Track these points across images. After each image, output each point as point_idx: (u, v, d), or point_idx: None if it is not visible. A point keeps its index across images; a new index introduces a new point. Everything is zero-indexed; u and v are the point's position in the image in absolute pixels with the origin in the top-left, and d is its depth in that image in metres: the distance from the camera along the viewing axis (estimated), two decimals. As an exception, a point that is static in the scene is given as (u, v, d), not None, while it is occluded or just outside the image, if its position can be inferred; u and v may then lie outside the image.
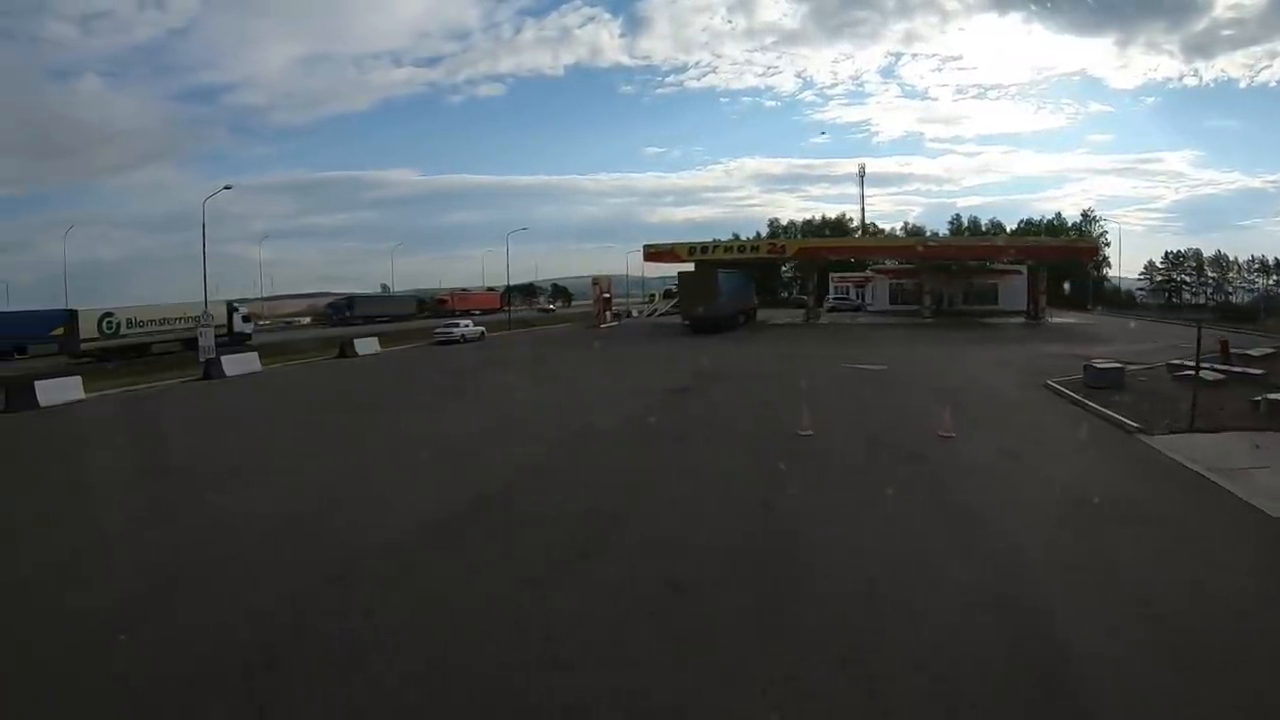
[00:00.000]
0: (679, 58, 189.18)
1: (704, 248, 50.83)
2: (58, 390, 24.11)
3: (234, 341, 45.88)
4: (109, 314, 40.97)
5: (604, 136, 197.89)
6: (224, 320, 46.37)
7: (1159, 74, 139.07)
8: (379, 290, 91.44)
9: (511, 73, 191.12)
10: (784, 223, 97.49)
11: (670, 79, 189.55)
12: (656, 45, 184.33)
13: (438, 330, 41.91)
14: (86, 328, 40.10)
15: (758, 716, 4.90)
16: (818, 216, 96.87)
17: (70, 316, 40.50)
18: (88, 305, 41.10)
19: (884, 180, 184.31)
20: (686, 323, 42.64)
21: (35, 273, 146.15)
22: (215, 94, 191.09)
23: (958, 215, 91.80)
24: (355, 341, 35.47)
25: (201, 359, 28.64)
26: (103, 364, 37.77)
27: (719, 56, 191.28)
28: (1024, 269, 52.67)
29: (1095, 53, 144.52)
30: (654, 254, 51.18)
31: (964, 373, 21.94)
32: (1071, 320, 49.06)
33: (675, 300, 72.04)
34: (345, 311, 69.55)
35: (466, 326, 43.14)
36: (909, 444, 12.57)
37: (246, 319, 49.05)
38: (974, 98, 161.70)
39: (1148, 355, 24.00)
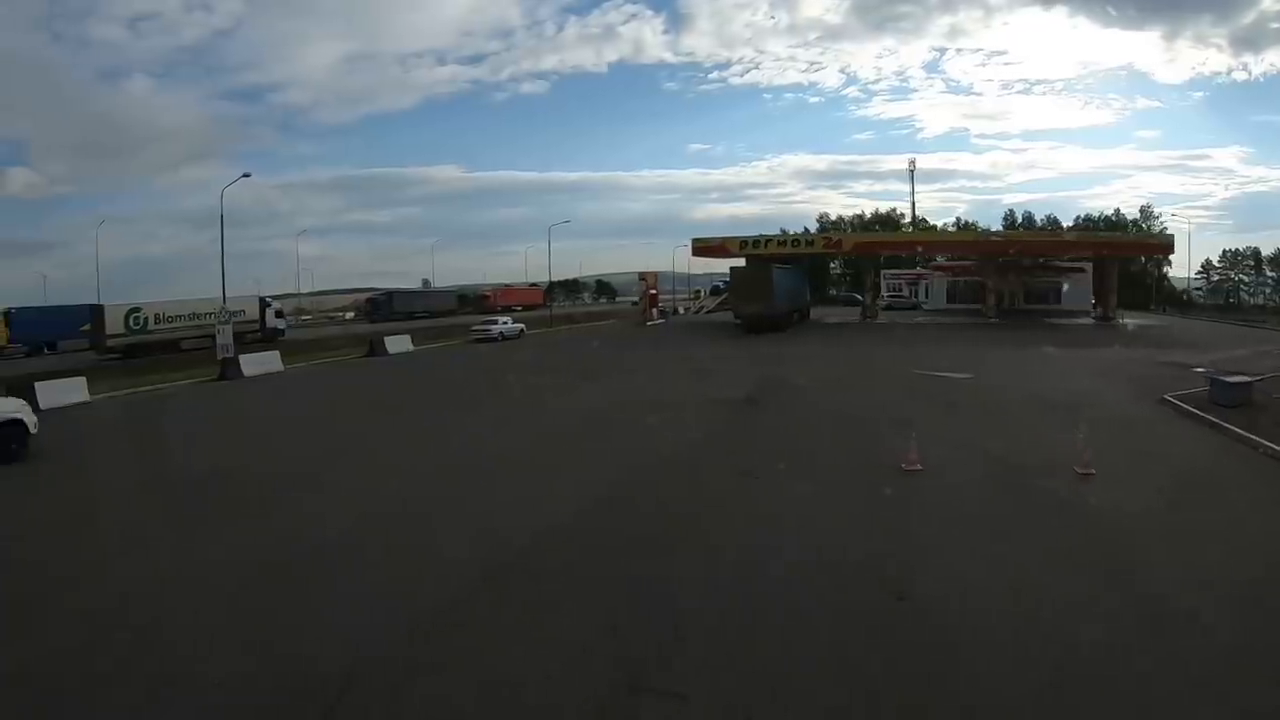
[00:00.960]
0: (722, 54, 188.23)
1: (755, 242, 47.66)
2: (60, 392, 22.21)
3: (266, 338, 44.42)
4: (136, 309, 39.66)
5: (647, 133, 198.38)
6: (256, 316, 44.95)
7: (1206, 68, 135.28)
8: (420, 285, 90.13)
9: (555, 70, 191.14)
10: (833, 218, 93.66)
11: (713, 75, 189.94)
12: (699, 42, 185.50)
13: (475, 328, 39.73)
14: (113, 324, 38.82)
15: None
16: (868, 212, 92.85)
17: (96, 312, 39.32)
18: (127, 301, 39.97)
19: (929, 177, 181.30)
20: (739, 321, 39.67)
21: (86, 269, 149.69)
22: (261, 93, 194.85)
23: (1011, 211, 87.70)
24: (386, 339, 33.37)
25: (220, 358, 26.61)
26: (130, 361, 36.56)
27: (762, 53, 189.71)
28: (1087, 267, 49.23)
29: (1141, 47, 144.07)
30: (703, 248, 48.28)
31: (1063, 384, 18.56)
32: (1143, 321, 45.37)
33: (723, 297, 69.42)
34: (385, 307, 68.02)
35: (505, 324, 40.86)
36: (1046, 484, 9.68)
37: (280, 314, 47.58)
38: (1019, 93, 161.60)
39: (1245, 363, 20.81)
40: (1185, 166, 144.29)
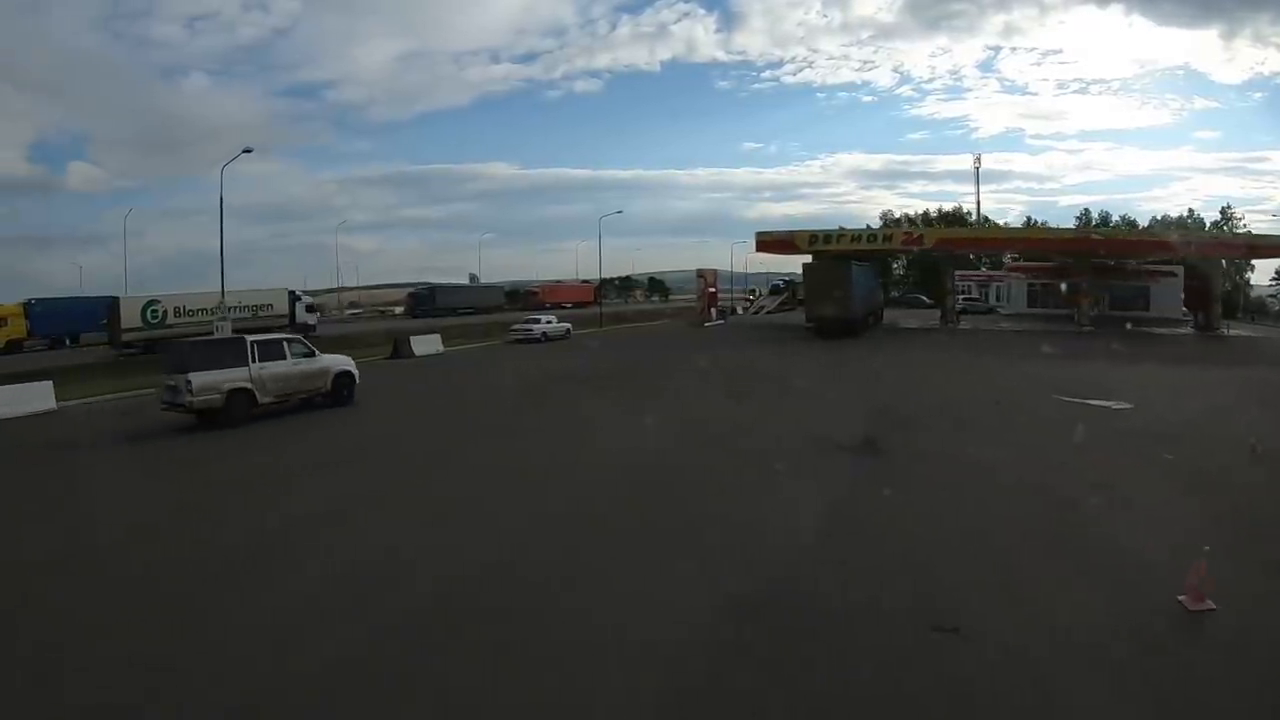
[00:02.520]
0: (775, 53, 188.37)
1: (826, 236, 42.56)
2: (22, 398, 19.05)
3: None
4: (154, 302, 36.95)
5: (700, 131, 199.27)
6: (285, 310, 42.00)
7: (1266, 68, 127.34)
8: (467, 280, 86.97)
9: (608, 68, 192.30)
10: (896, 215, 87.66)
11: (766, 74, 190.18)
12: (752, 40, 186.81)
13: (514, 327, 35.82)
14: (129, 317, 36.16)
15: None
16: (929, 210, 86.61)
17: (111, 305, 36.73)
18: (177, 291, 37.57)
19: (984, 177, 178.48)
20: (809, 324, 34.90)
21: (143, 260, 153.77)
22: (317, 90, 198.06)
23: (1086, 210, 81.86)
24: (413, 339, 29.59)
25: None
26: (150, 354, 33.96)
27: (815, 51, 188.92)
28: (1178, 270, 43.80)
29: (1199, 46, 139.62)
30: (768, 243, 43.45)
31: (1256, 421, 13.40)
32: (1248, 333, 39.93)
33: (783, 298, 64.36)
34: (428, 302, 64.87)
35: (549, 323, 36.83)
36: None
37: (311, 309, 44.61)
38: (1075, 93, 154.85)
39: None
40: (1245, 169, 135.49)
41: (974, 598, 5.92)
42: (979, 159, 66.61)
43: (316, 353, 16.96)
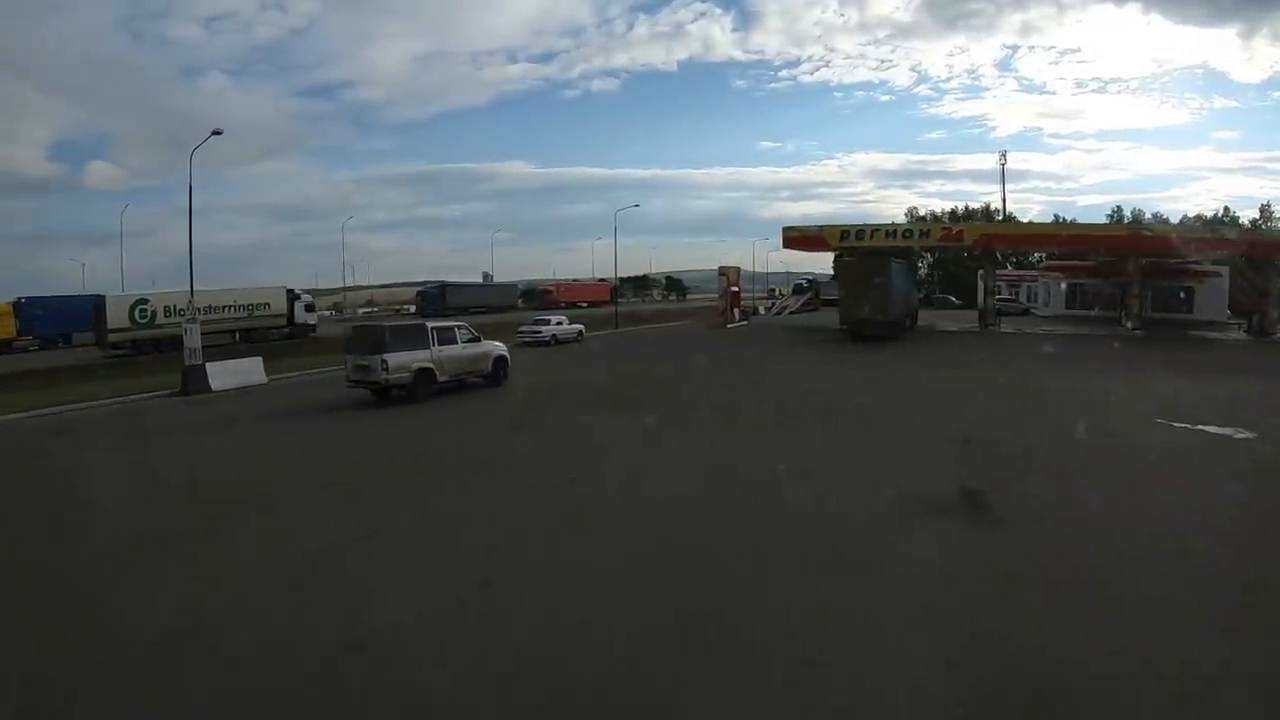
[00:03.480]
0: (791, 52, 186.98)
1: (859, 232, 39.70)
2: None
3: (294, 334, 39.31)
4: (143, 301, 34.85)
5: (717, 130, 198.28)
6: (283, 309, 39.80)
7: None
8: (481, 279, 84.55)
9: (625, 68, 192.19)
10: (921, 213, 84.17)
11: (783, 73, 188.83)
12: (769, 40, 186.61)
13: (522, 329, 33.14)
14: (116, 317, 34.08)
15: None
16: (960, 207, 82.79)
17: (98, 304, 34.68)
18: (158, 290, 35.54)
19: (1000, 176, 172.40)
20: (844, 326, 32.04)
21: (162, 258, 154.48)
22: (335, 90, 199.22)
23: (1118, 207, 78.24)
24: (404, 343, 27.06)
25: (188, 362, 20.82)
26: (136, 356, 32.00)
27: (832, 50, 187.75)
28: (1223, 270, 40.53)
29: (1217, 44, 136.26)
30: (796, 239, 40.62)
31: None
32: None
33: (807, 297, 61.38)
34: (437, 301, 62.51)
35: (559, 325, 34.20)
36: None
37: (310, 308, 42.39)
38: (1094, 92, 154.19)
39: None
40: (1264, 169, 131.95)
41: None
42: (1004, 156, 62.70)
43: (481, 339, 19.00)
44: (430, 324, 17.87)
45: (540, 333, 32.40)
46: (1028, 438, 12.18)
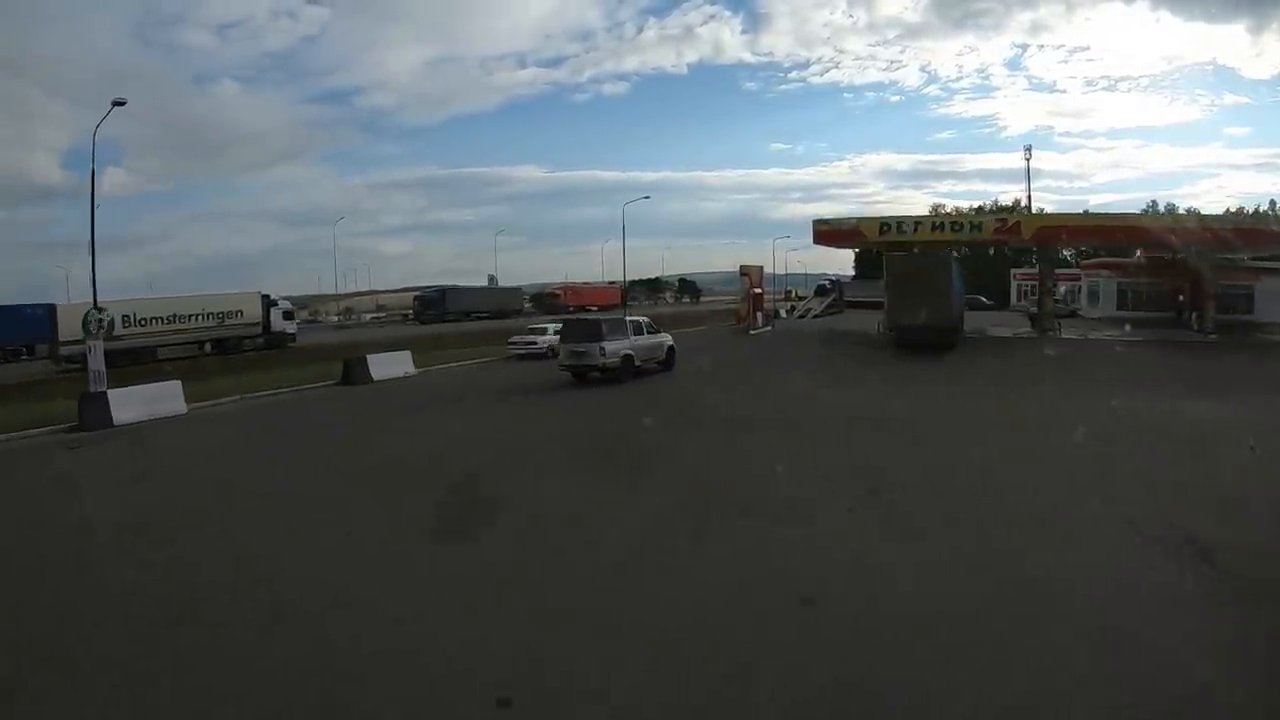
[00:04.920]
0: (801, 54, 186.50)
1: (900, 225, 35.42)
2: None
3: (270, 344, 35.42)
4: (98, 310, 30.82)
5: (728, 133, 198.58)
6: (258, 318, 35.91)
7: None
8: (486, 282, 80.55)
9: (635, 71, 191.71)
10: (946, 209, 79.36)
11: (793, 75, 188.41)
12: (778, 42, 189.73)
13: (513, 340, 28.93)
14: (68, 327, 30.28)
15: None
16: (987, 204, 78.03)
17: (49, 313, 30.97)
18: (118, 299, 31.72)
19: (1012, 176, 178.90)
20: (892, 332, 27.68)
21: (173, 264, 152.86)
22: (346, 96, 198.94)
23: (1153, 202, 74.11)
24: (369, 360, 22.59)
25: (91, 389, 16.97)
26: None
27: (841, 52, 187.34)
28: None
29: (1227, 41, 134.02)
30: (828, 233, 36.26)
31: None
32: None
33: (831, 299, 56.94)
34: (437, 306, 58.58)
35: (557, 335, 29.75)
36: None
37: (289, 315, 38.56)
38: (1104, 90, 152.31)
39: None
40: (1276, 164, 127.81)
41: None
42: (1029, 151, 57.32)
43: (660, 331, 22.85)
44: (630, 318, 22.07)
45: (533, 345, 27.78)
46: (1240, 517, 7.74)
